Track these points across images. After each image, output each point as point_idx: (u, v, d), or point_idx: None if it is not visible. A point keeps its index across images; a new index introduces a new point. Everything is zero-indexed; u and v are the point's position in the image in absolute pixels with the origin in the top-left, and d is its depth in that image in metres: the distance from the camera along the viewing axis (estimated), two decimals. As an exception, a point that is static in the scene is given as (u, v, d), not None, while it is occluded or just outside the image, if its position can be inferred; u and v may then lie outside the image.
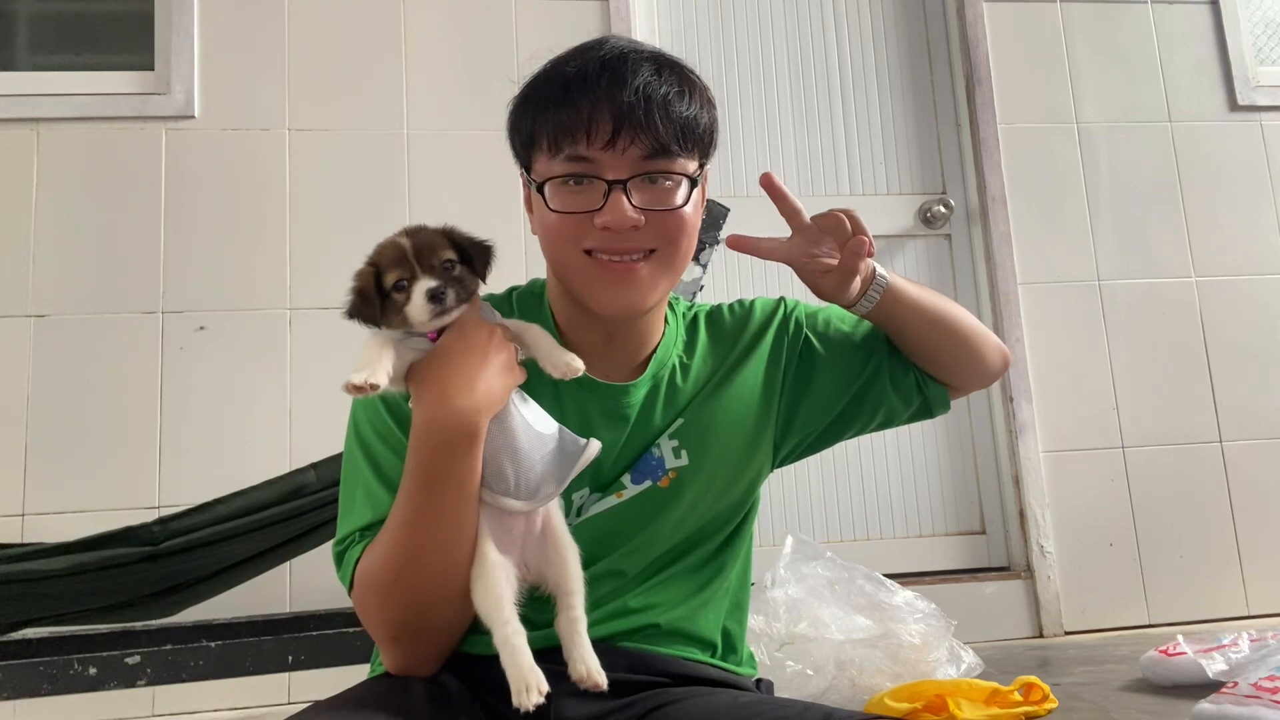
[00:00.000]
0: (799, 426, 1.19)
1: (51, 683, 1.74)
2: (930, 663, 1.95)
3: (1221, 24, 3.18)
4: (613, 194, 0.99)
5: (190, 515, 1.88)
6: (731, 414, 1.13)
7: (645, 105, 0.99)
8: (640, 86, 0.99)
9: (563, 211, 1.01)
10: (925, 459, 2.96)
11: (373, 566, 0.96)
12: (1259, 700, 1.60)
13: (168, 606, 1.93)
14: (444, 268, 0.95)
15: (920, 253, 3.08)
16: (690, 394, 1.12)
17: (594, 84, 1.00)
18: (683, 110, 1.01)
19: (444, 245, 0.96)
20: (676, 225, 1.03)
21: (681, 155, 1.02)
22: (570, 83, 1.01)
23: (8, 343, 2.50)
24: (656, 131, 0.99)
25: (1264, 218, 3.12)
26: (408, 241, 0.94)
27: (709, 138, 1.06)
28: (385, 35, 2.80)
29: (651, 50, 1.05)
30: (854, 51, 3.15)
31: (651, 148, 0.99)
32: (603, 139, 0.98)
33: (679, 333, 1.17)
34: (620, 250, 1.01)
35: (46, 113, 2.61)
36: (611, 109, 0.98)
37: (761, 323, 1.20)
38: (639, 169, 1.00)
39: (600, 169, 0.99)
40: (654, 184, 1.01)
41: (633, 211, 0.99)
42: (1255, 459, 2.96)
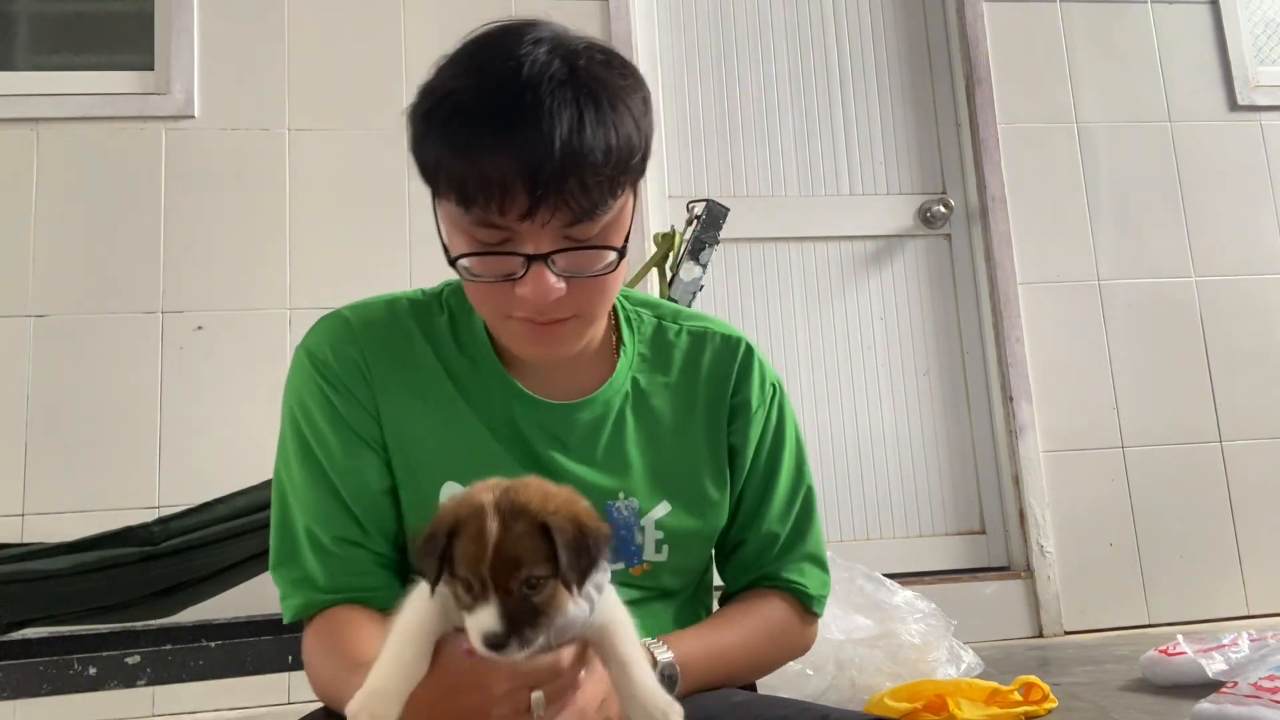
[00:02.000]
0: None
1: (51, 683, 1.74)
2: (930, 663, 1.95)
3: (1221, 24, 3.18)
4: (532, 266, 0.85)
5: (190, 515, 1.89)
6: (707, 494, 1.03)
7: (569, 165, 0.81)
8: (559, 142, 0.80)
9: (477, 279, 0.89)
10: (925, 459, 2.96)
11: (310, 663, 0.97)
12: (1259, 700, 1.60)
13: (168, 606, 1.93)
14: (525, 588, 0.70)
15: (920, 253, 3.08)
16: (656, 435, 1.02)
17: (499, 130, 0.82)
18: (613, 156, 0.83)
19: (536, 553, 0.71)
20: (602, 288, 0.90)
21: (611, 206, 0.87)
22: (472, 120, 0.83)
23: (8, 343, 2.50)
24: (583, 198, 0.83)
25: (1264, 218, 3.12)
26: (491, 536, 0.70)
27: (641, 160, 0.89)
28: (385, 35, 2.80)
29: (567, 51, 0.88)
30: (854, 51, 3.15)
31: (575, 216, 0.84)
32: (518, 211, 0.82)
33: (635, 349, 1.05)
34: (542, 321, 0.89)
35: (46, 113, 2.61)
36: (527, 175, 0.81)
37: (756, 398, 1.06)
38: (563, 241, 0.85)
39: (518, 240, 0.85)
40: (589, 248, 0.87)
41: (556, 283, 0.86)
42: (1255, 459, 2.96)
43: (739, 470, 1.06)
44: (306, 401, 1.02)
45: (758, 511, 1.07)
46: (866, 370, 2.98)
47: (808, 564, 1.09)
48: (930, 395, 3.00)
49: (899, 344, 3.01)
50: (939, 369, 3.02)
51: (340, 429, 0.99)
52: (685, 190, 2.93)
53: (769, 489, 1.07)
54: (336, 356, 1.01)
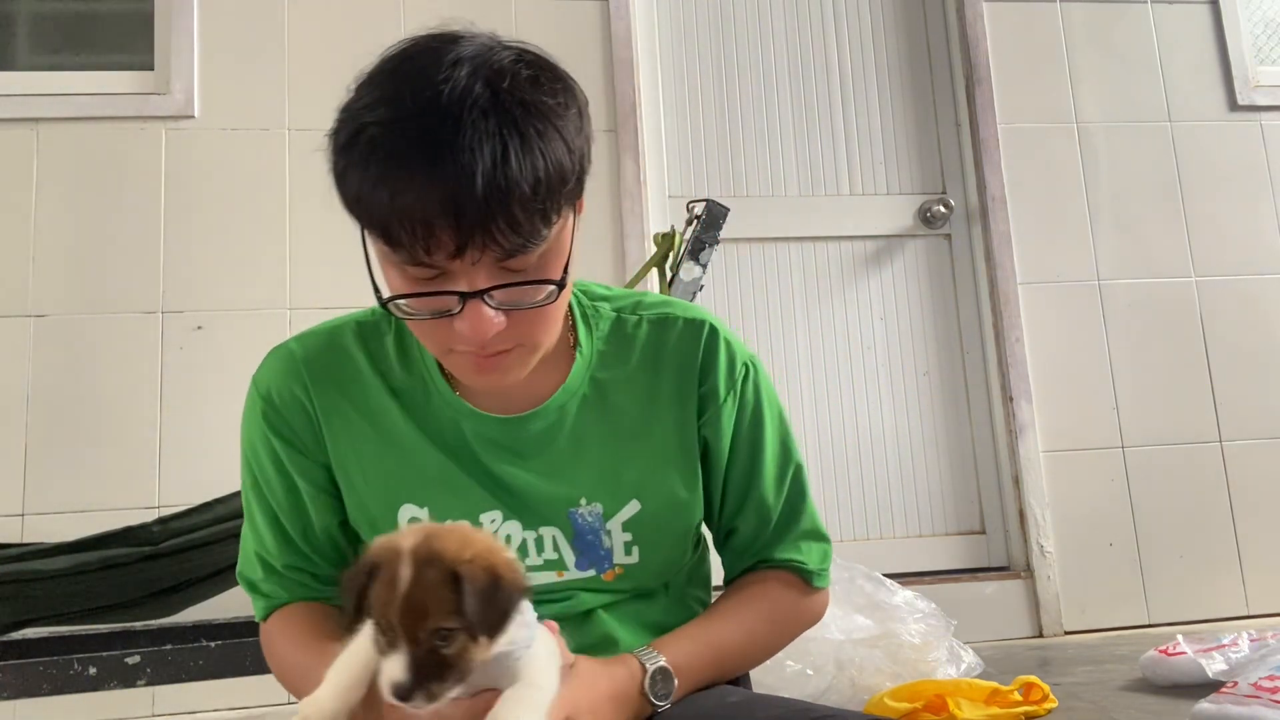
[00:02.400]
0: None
1: (51, 683, 1.74)
2: (930, 662, 1.95)
3: (1221, 24, 3.18)
4: (468, 304, 0.81)
5: (190, 515, 1.89)
6: (676, 491, 1.00)
7: (498, 201, 0.76)
8: (484, 182, 0.76)
9: (412, 317, 0.86)
10: (925, 459, 2.96)
11: (275, 652, 0.99)
12: (1259, 700, 1.60)
13: (168, 606, 1.93)
14: (435, 639, 0.69)
15: (920, 253, 3.08)
16: (619, 433, 0.99)
17: (423, 172, 0.77)
18: (544, 189, 0.79)
19: (445, 603, 0.69)
20: (543, 320, 0.87)
21: (548, 231, 0.82)
22: (390, 155, 0.79)
23: (8, 343, 2.50)
24: (514, 232, 0.78)
25: (1264, 218, 3.12)
26: (405, 578, 0.69)
27: (578, 181, 0.85)
28: (385, 35, 2.78)
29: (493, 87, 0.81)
30: (854, 51, 3.15)
31: (507, 250, 0.79)
32: (445, 251, 0.78)
33: (593, 347, 1.01)
34: (486, 353, 0.86)
35: (46, 113, 2.61)
36: (450, 215, 0.76)
37: (724, 385, 1.02)
38: (497, 276, 0.82)
39: (451, 279, 0.81)
40: (525, 284, 0.84)
41: (495, 317, 0.82)
42: (1255, 459, 2.96)
43: (717, 461, 1.02)
44: (255, 443, 1.04)
45: (746, 496, 1.04)
46: (866, 370, 2.98)
47: (804, 540, 1.06)
48: (930, 395, 3.00)
49: (899, 344, 3.01)
50: (939, 369, 3.02)
51: (284, 474, 1.01)
52: (685, 190, 2.93)
53: (755, 472, 1.03)
54: (280, 396, 1.02)
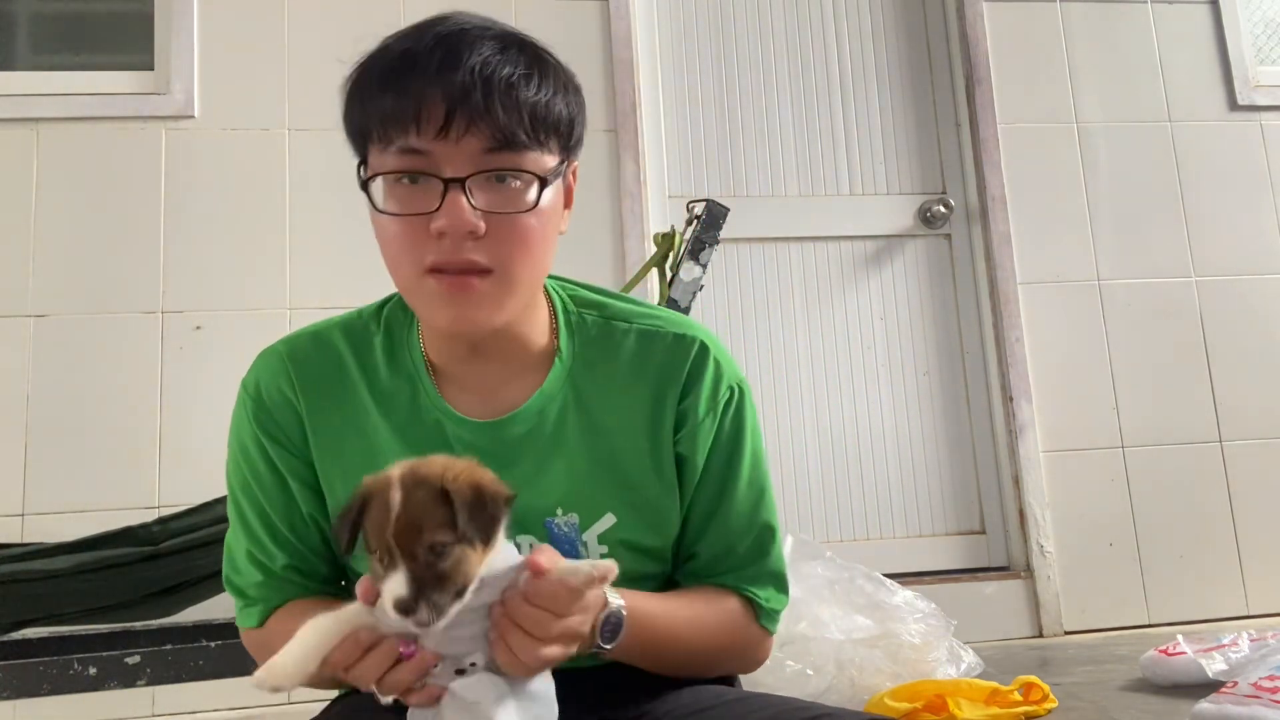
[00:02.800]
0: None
1: (51, 683, 1.74)
2: (930, 662, 1.95)
3: (1221, 24, 3.18)
4: (450, 193, 0.84)
5: (190, 515, 1.89)
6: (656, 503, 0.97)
7: (484, 87, 0.84)
8: (477, 66, 0.85)
9: (393, 214, 0.88)
10: (925, 459, 2.96)
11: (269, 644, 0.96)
12: (1259, 700, 1.60)
13: (168, 606, 1.93)
14: (431, 555, 0.72)
15: (920, 253, 3.08)
16: (598, 443, 0.96)
17: (424, 63, 0.87)
18: (531, 94, 0.86)
19: (437, 518, 0.73)
20: (520, 235, 0.87)
21: (532, 147, 0.86)
22: (398, 62, 0.89)
23: (8, 343, 2.50)
24: (497, 118, 0.84)
25: (1264, 218, 3.12)
26: (398, 500, 0.73)
27: (569, 129, 0.90)
28: (385, 35, 2.79)
29: (501, 28, 0.91)
30: (854, 51, 3.15)
31: (493, 138, 0.85)
32: (434, 127, 0.84)
33: (575, 353, 0.99)
34: (457, 265, 0.86)
35: (46, 113, 2.61)
36: (444, 91, 0.84)
37: (705, 404, 0.99)
38: (480, 164, 0.85)
39: (435, 163, 0.85)
40: (501, 183, 0.87)
41: (472, 214, 0.84)
42: (1255, 459, 2.96)
43: (689, 480, 0.98)
44: (245, 442, 1.04)
45: (711, 520, 1.00)
46: (866, 370, 2.98)
47: (766, 579, 1.01)
48: (930, 395, 3.00)
49: (899, 344, 3.01)
50: (939, 369, 3.02)
51: (275, 472, 1.00)
52: (685, 190, 2.93)
53: (725, 497, 0.99)
54: (269, 395, 1.02)
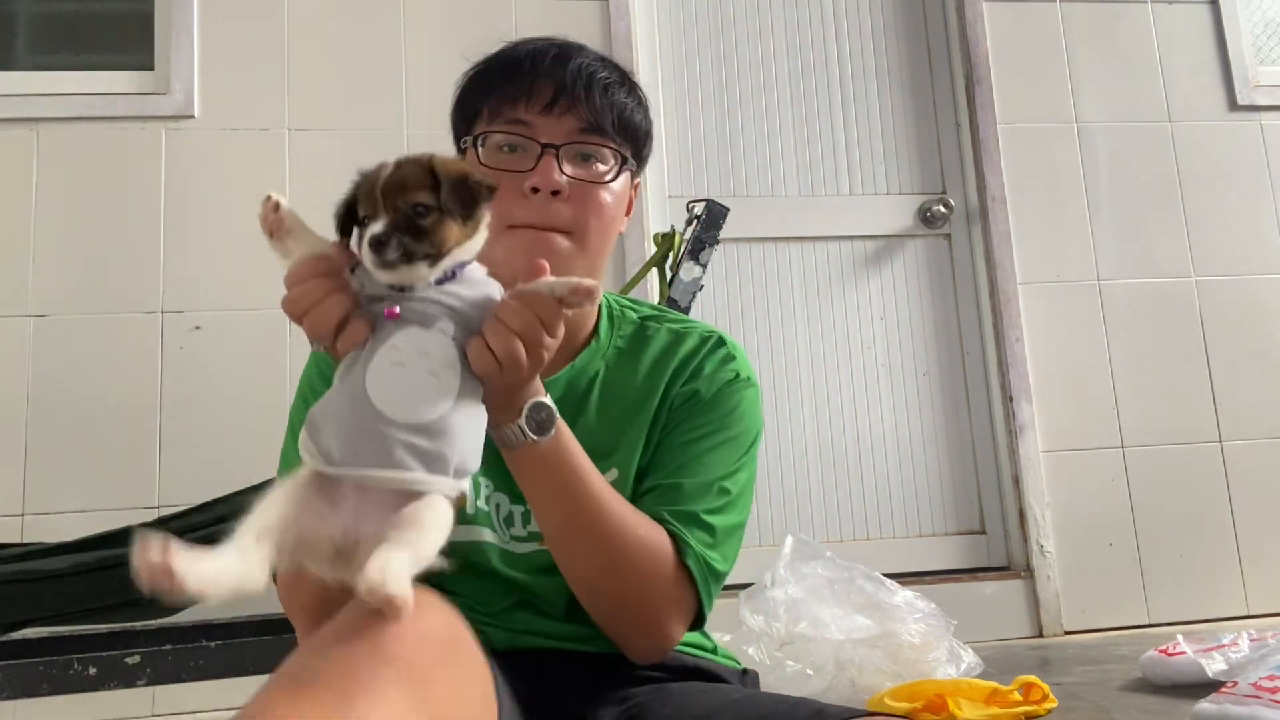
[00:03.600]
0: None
1: (51, 683, 1.74)
2: (930, 662, 1.95)
3: (1221, 24, 3.18)
4: (544, 157, 1.01)
5: (190, 515, 1.89)
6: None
7: (586, 81, 1.02)
8: (583, 65, 1.03)
9: (494, 169, 1.00)
10: (925, 459, 2.96)
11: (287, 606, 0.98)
12: (1259, 700, 1.60)
13: (168, 606, 1.93)
14: (411, 213, 0.78)
15: (920, 253, 3.08)
16: (615, 412, 1.05)
17: (540, 60, 1.03)
18: (621, 97, 1.04)
19: (421, 183, 0.80)
20: (597, 204, 1.03)
21: (614, 140, 1.04)
22: (520, 60, 1.04)
23: (8, 343, 2.50)
24: (594, 106, 1.02)
25: (1264, 218, 3.12)
26: (388, 169, 0.82)
27: (642, 138, 1.08)
28: (385, 35, 2.80)
29: (601, 54, 1.09)
30: (854, 51, 3.15)
31: (587, 121, 1.02)
32: (541, 103, 1.01)
33: (612, 341, 1.10)
34: (542, 223, 1.00)
35: (46, 113, 2.61)
36: (554, 79, 1.02)
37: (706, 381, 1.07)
38: (573, 138, 1.02)
39: (536, 132, 1.01)
40: (586, 161, 1.03)
41: (560, 176, 1.00)
42: (1255, 459, 2.96)
43: (670, 423, 1.05)
44: (312, 375, 1.11)
45: (668, 462, 1.03)
46: (866, 370, 2.98)
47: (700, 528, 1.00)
48: (930, 395, 3.00)
49: (899, 344, 3.01)
50: (939, 369, 3.02)
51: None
52: (685, 190, 2.93)
53: (696, 449, 1.03)
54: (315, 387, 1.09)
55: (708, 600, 0.99)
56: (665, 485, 1.01)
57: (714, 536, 1.00)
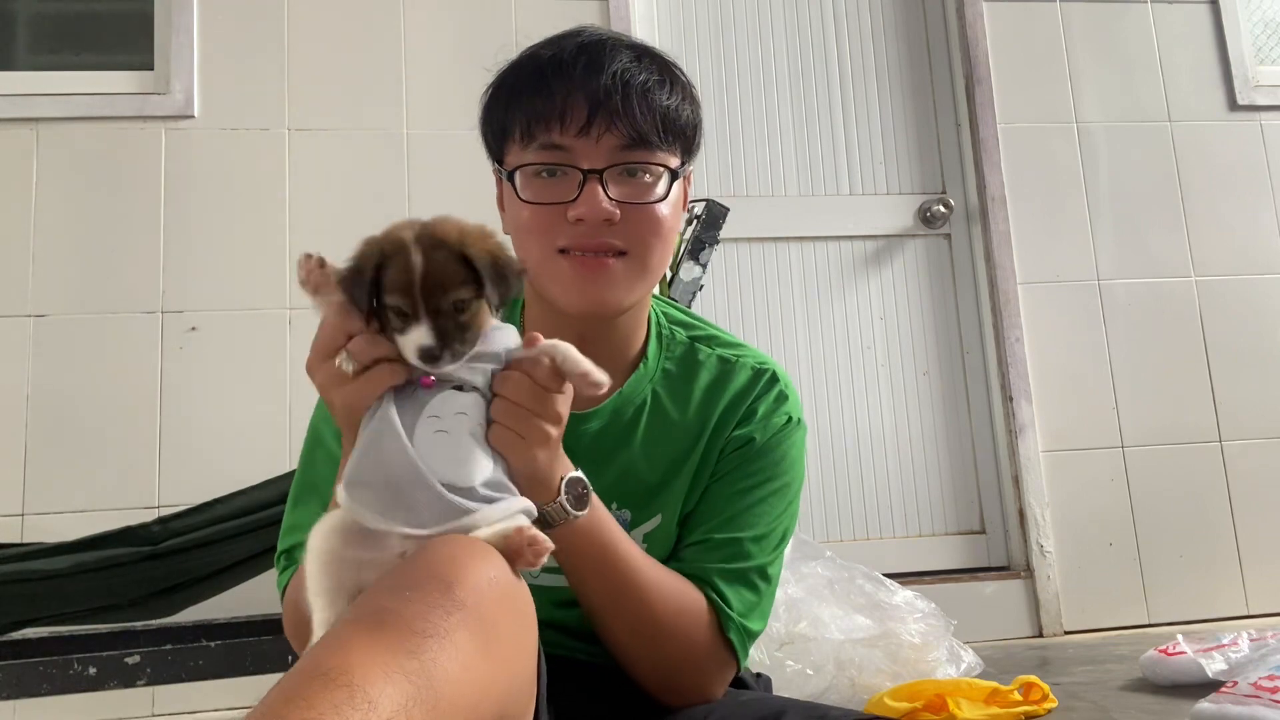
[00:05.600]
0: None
1: (51, 683, 1.74)
2: (930, 662, 1.95)
3: (1221, 24, 3.18)
4: (588, 184, 0.92)
5: (190, 515, 1.89)
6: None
7: (623, 91, 0.93)
8: (618, 72, 0.94)
9: (535, 203, 0.94)
10: (925, 459, 2.96)
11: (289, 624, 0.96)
12: (1259, 700, 1.60)
13: (168, 606, 1.93)
14: (453, 310, 0.78)
15: (920, 252, 3.08)
16: (664, 451, 1.00)
17: (569, 69, 0.94)
18: (663, 99, 0.96)
19: (459, 277, 0.78)
20: (653, 222, 0.96)
21: (661, 148, 0.96)
22: (545, 68, 0.95)
23: (8, 343, 2.50)
24: (634, 119, 0.93)
25: (1264, 218, 3.12)
26: (419, 261, 0.77)
27: (691, 133, 1.01)
28: (385, 35, 2.80)
29: (632, 40, 1.00)
30: (854, 51, 3.15)
31: (629, 137, 0.94)
32: (577, 125, 0.93)
33: (660, 363, 1.05)
34: (593, 247, 0.93)
35: (46, 113, 2.61)
36: (587, 94, 0.93)
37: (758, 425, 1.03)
38: (616, 159, 0.94)
39: (575, 158, 0.93)
40: (632, 177, 0.95)
41: (608, 203, 0.92)
42: (1255, 459, 2.96)
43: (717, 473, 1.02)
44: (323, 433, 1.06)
45: (710, 515, 1.01)
46: (866, 370, 2.98)
47: (746, 590, 0.99)
48: (930, 395, 3.00)
49: (899, 344, 3.01)
50: (939, 369, 3.02)
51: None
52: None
53: (741, 504, 1.01)
54: None
55: (744, 659, 1.00)
56: (716, 541, 0.99)
57: (759, 595, 1.00)
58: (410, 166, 2.73)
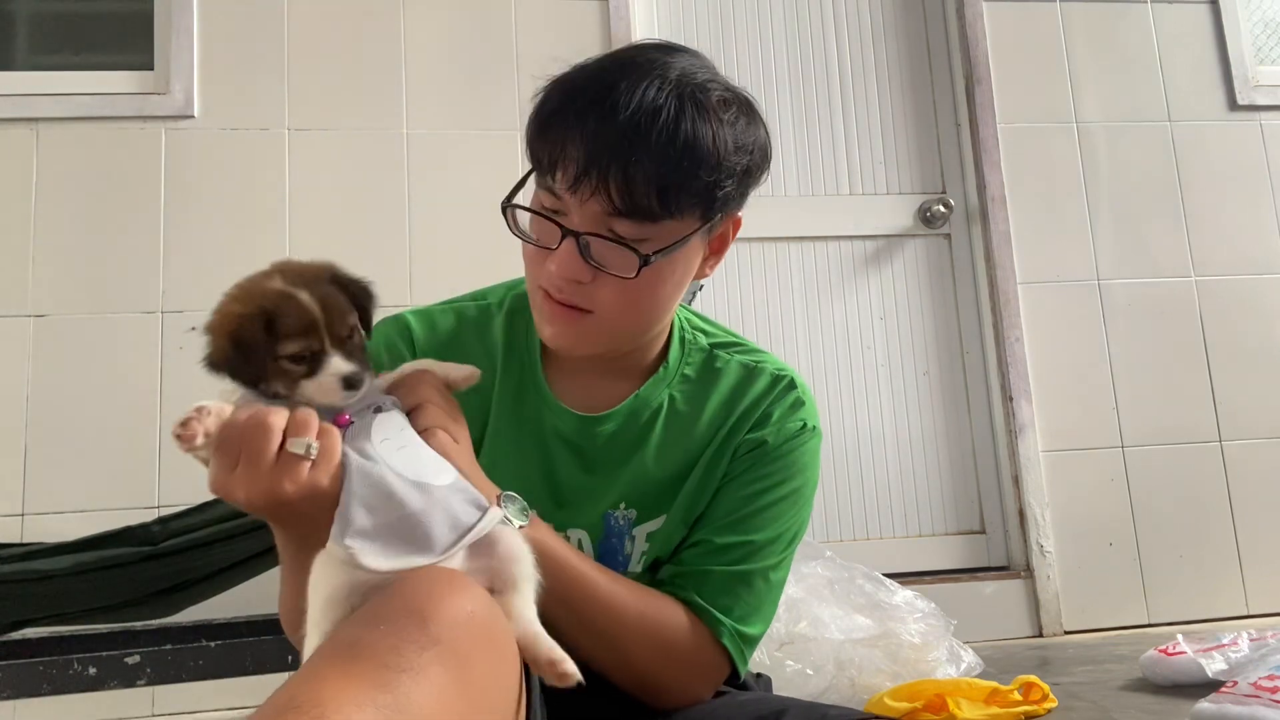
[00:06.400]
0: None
1: (51, 683, 1.74)
2: (930, 662, 1.95)
3: (1221, 24, 3.18)
4: (566, 241, 0.88)
5: (190, 515, 1.88)
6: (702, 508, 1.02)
7: (625, 150, 0.84)
8: (624, 121, 0.84)
9: (523, 239, 0.93)
10: (925, 459, 2.96)
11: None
12: (1258, 700, 1.60)
13: (168, 606, 1.93)
14: (351, 337, 0.79)
15: (920, 252, 3.08)
16: (679, 454, 1.00)
17: (582, 111, 0.86)
18: (671, 165, 0.85)
19: (347, 306, 0.79)
20: (627, 292, 0.90)
21: (661, 217, 0.87)
22: (566, 99, 0.89)
23: (8, 343, 2.50)
24: (624, 188, 0.85)
25: (1264, 218, 3.12)
26: (313, 301, 0.76)
27: (711, 195, 0.90)
28: (385, 35, 2.80)
29: (681, 73, 0.88)
30: (854, 51, 3.15)
31: (617, 206, 0.86)
32: (567, 180, 0.87)
33: (680, 369, 1.04)
34: (560, 300, 0.91)
35: (46, 113, 2.61)
36: (584, 150, 0.85)
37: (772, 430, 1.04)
38: (597, 226, 0.88)
39: (566, 213, 0.89)
40: (614, 243, 0.89)
41: (579, 267, 0.88)
42: (1255, 459, 2.96)
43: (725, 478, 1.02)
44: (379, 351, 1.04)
45: (729, 513, 1.01)
46: (866, 370, 2.98)
47: (748, 592, 0.98)
48: (930, 395, 3.00)
49: (899, 344, 3.01)
50: (939, 369, 3.02)
51: None
52: (685, 190, 2.92)
53: (755, 505, 1.01)
54: (392, 357, 1.02)
55: (743, 664, 0.99)
56: (719, 544, 0.99)
57: (760, 599, 1.00)
58: (410, 166, 2.73)
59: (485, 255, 2.11)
